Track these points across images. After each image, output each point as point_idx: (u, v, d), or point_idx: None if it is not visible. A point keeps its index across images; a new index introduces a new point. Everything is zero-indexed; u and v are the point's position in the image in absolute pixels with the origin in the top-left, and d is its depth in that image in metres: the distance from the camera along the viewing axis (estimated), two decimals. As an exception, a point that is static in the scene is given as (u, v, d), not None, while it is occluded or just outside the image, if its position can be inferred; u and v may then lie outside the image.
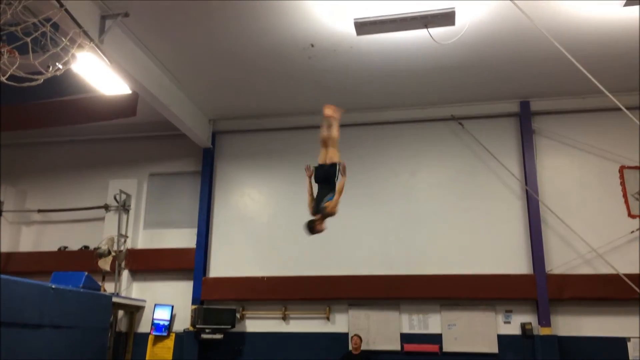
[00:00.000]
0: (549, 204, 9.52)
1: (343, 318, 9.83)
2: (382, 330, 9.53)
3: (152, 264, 10.78)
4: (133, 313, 10.50)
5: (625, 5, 7.15)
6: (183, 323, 10.27)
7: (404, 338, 9.50)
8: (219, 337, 9.81)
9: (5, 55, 5.22)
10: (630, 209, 9.29)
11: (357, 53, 8.51)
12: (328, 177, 6.23)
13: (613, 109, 7.95)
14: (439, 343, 9.36)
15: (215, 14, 7.56)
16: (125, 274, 10.72)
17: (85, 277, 8.56)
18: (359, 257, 9.98)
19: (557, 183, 9.75)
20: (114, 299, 9.34)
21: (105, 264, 10.19)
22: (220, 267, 10.53)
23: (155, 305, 10.38)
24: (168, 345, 10.24)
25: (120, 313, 10.47)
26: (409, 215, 10.10)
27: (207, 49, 8.54)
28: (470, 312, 9.43)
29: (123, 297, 10.23)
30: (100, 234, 10.86)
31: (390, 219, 10.12)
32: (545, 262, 9.24)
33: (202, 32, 8.03)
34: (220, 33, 8.05)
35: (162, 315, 10.34)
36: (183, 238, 10.79)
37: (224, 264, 10.52)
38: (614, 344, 8.78)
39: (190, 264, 10.43)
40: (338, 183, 6.16)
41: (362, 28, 7.59)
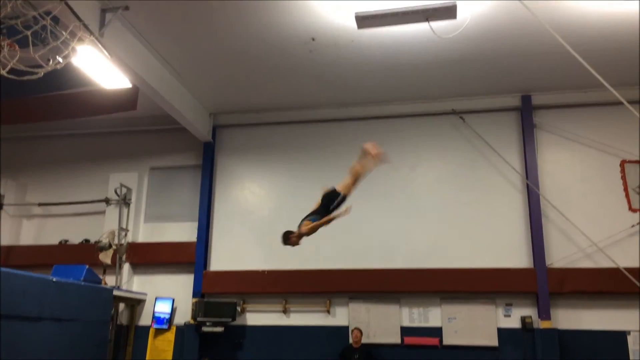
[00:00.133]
0: (550, 198, 9.52)
1: (343, 311, 9.86)
2: (382, 324, 9.56)
3: (152, 258, 10.80)
4: (134, 306, 10.53)
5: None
6: (184, 316, 10.30)
7: (404, 331, 9.52)
8: (220, 330, 9.84)
9: (6, 49, 5.22)
10: (631, 203, 9.29)
11: (357, 47, 8.48)
12: (328, 202, 6.37)
13: (614, 103, 7.95)
14: (439, 336, 9.40)
15: (216, 8, 7.54)
16: (126, 267, 10.74)
17: (86, 270, 8.61)
18: (360, 250, 9.99)
19: (558, 177, 9.75)
20: (115, 292, 9.37)
21: (106, 257, 10.20)
22: (221, 260, 10.55)
23: (156, 299, 10.42)
24: (169, 338, 10.27)
25: (121, 306, 10.49)
26: (410, 209, 10.11)
27: (207, 43, 8.52)
28: (471, 305, 9.45)
29: (124, 290, 10.25)
30: (101, 228, 10.87)
31: (391, 213, 10.12)
32: (546, 255, 9.26)
33: (202, 25, 8.01)
34: (221, 27, 8.03)
35: (163, 309, 10.37)
36: (184, 231, 10.81)
37: (225, 258, 10.54)
38: (614, 338, 8.80)
39: (191, 258, 10.45)
40: (331, 214, 6.20)
41: (363, 22, 7.57)
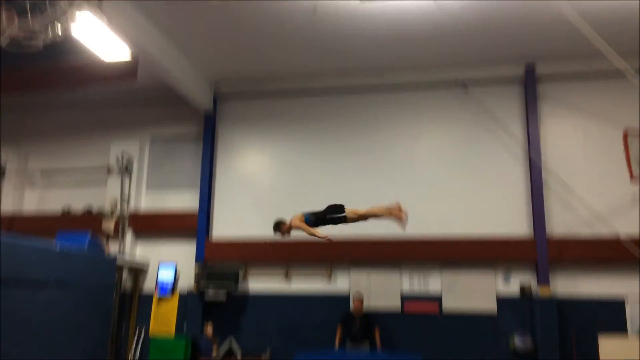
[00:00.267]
0: (552, 168, 9.52)
1: (344, 279, 9.98)
2: (382, 291, 9.68)
3: (155, 226, 10.89)
4: (137, 274, 10.65)
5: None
6: (187, 283, 10.40)
7: (405, 297, 9.68)
8: (222, 297, 9.99)
9: (5, 19, 5.17)
10: (632, 173, 9.28)
11: (361, 15, 8.37)
12: (330, 212, 6.87)
13: (619, 74, 7.85)
14: (439, 303, 9.55)
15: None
16: (129, 236, 10.83)
17: (90, 237, 8.64)
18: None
19: (560, 147, 9.73)
20: (118, 260, 9.46)
21: (109, 226, 10.29)
22: (223, 229, 10.62)
23: (160, 265, 10.54)
24: (172, 305, 10.44)
25: (125, 274, 10.61)
26: (411, 180, 10.12)
27: (208, 11, 8.38)
28: (471, 273, 9.56)
29: (127, 258, 10.36)
30: (103, 197, 10.95)
31: (392, 183, 10.12)
32: (546, 224, 9.32)
33: (203, -8, 7.91)
34: (222, -7, 7.92)
35: (166, 275, 10.50)
36: (186, 200, 10.86)
37: (227, 226, 10.61)
38: (612, 305, 8.93)
39: (194, 226, 10.51)
40: (316, 229, 6.72)
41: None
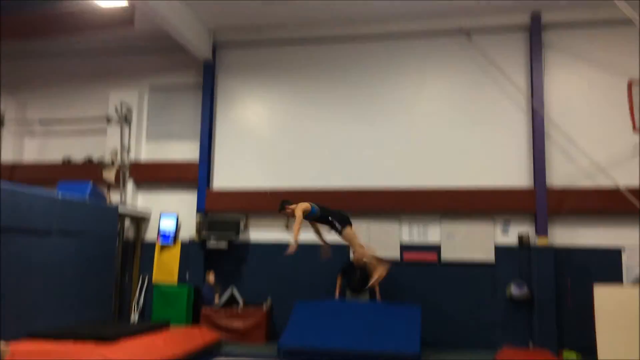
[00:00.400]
0: (554, 119, 9.44)
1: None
2: (382, 241, 9.74)
3: (156, 176, 10.91)
4: (139, 223, 10.73)
5: None
6: (189, 233, 10.50)
7: (404, 247, 9.78)
8: (224, 246, 10.10)
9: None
10: (635, 124, 9.19)
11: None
12: (330, 215, 7.75)
13: (625, 22, 7.68)
14: (438, 252, 9.65)
15: None
16: (130, 186, 10.86)
17: (91, 186, 8.68)
18: (361, 169, 10.06)
19: (563, 97, 9.62)
20: (120, 209, 9.52)
21: (110, 175, 10.29)
22: (224, 179, 10.63)
23: (161, 214, 10.62)
24: (175, 255, 10.57)
25: (127, 223, 10.68)
26: (413, 129, 10.06)
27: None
28: (470, 223, 9.62)
29: (129, 207, 10.41)
30: (103, 146, 10.91)
31: (394, 133, 10.08)
32: (547, 175, 9.30)
33: None
34: None
35: (167, 224, 10.59)
36: (187, 149, 10.83)
37: (228, 176, 10.62)
38: (610, 254, 9.00)
39: (195, 176, 10.53)
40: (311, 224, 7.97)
41: None
